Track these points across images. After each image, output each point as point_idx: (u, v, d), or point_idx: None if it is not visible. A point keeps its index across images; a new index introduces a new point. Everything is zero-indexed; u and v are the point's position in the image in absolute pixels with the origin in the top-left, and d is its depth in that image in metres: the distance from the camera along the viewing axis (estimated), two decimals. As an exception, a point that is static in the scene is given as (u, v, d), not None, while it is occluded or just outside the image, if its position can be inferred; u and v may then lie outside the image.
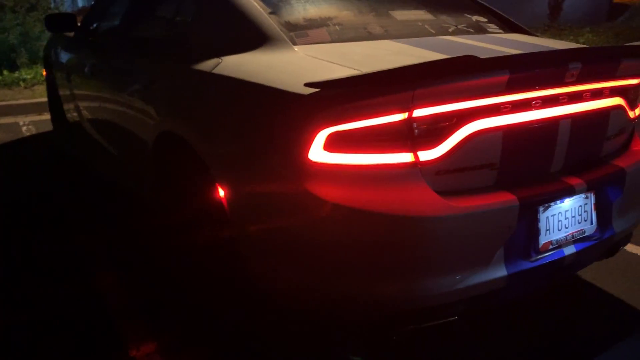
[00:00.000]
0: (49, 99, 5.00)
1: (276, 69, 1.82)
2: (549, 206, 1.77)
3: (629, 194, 1.98)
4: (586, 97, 1.82)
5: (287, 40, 1.94)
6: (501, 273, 1.70)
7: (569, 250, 1.85)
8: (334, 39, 2.03)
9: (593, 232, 1.91)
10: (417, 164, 1.58)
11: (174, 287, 2.42)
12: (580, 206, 1.86)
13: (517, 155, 1.72)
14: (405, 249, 1.58)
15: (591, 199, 1.89)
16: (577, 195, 1.83)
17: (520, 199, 1.67)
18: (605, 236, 1.95)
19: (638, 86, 2.05)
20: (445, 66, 1.52)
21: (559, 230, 1.81)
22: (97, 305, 2.37)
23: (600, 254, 2.10)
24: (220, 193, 1.91)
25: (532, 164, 1.80)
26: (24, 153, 4.92)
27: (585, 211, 1.88)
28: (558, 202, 1.79)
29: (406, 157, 1.57)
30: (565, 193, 1.80)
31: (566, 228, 1.83)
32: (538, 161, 1.81)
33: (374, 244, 1.58)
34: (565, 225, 1.83)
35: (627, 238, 2.17)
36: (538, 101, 1.70)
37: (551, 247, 1.80)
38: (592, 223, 1.90)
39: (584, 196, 1.86)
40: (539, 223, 1.75)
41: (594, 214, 1.90)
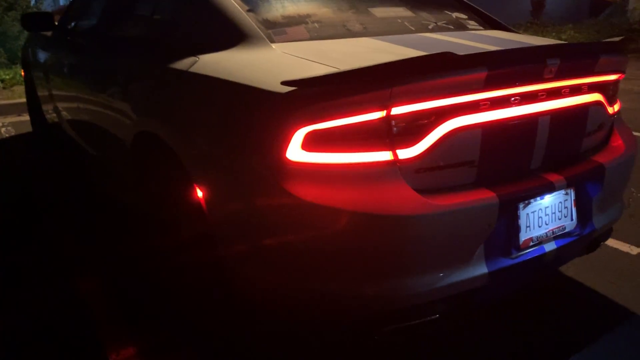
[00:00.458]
0: (28, 100, 4.93)
1: (253, 67, 1.79)
2: (529, 203, 1.77)
3: (609, 190, 1.99)
4: (565, 94, 1.82)
5: (265, 38, 1.91)
6: (482, 271, 1.69)
7: (550, 246, 1.84)
8: (313, 37, 2.01)
9: (573, 228, 1.91)
10: (396, 162, 1.56)
11: (155, 291, 2.38)
12: (560, 202, 1.86)
13: (497, 152, 1.72)
14: (384, 248, 1.56)
15: (571, 195, 1.89)
16: (557, 191, 1.83)
17: (500, 196, 1.66)
18: (585, 232, 1.95)
19: (617, 82, 2.06)
20: (422, 63, 1.50)
21: (540, 226, 1.81)
22: (78, 310, 2.32)
23: (581, 250, 2.10)
24: (198, 194, 1.88)
25: (512, 161, 1.80)
26: (3, 155, 4.83)
27: (565, 207, 1.88)
28: (538, 199, 1.79)
29: (385, 156, 1.55)
30: (545, 189, 1.79)
31: (546, 224, 1.83)
32: (518, 158, 1.80)
33: (353, 244, 1.56)
34: (545, 221, 1.82)
35: (608, 233, 2.18)
36: (517, 98, 1.69)
37: (532, 244, 1.80)
38: (573, 219, 1.91)
39: (564, 192, 1.86)
40: (519, 220, 1.75)
41: (574, 210, 1.91)
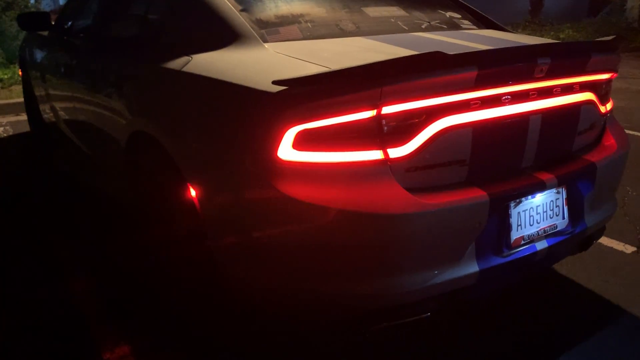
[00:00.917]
0: (25, 100, 4.94)
1: (246, 67, 1.80)
2: (520, 202, 1.77)
3: (601, 188, 2.00)
4: (556, 93, 1.83)
5: (258, 37, 1.92)
6: (473, 269, 1.70)
7: (541, 245, 1.85)
8: (306, 36, 2.01)
9: (565, 227, 1.92)
10: (387, 161, 1.57)
11: (147, 291, 2.39)
12: (551, 201, 1.87)
13: (488, 151, 1.72)
14: (375, 247, 1.57)
15: (563, 194, 1.90)
16: (549, 190, 1.84)
17: (490, 195, 1.67)
18: (577, 230, 1.96)
19: (609, 81, 2.06)
20: (413, 63, 1.51)
21: (531, 225, 1.82)
22: (69, 310, 2.33)
23: (573, 248, 2.11)
24: (191, 193, 1.89)
25: (503, 160, 1.80)
26: (1, 154, 4.84)
27: (557, 206, 1.89)
28: (529, 198, 1.80)
29: (376, 155, 1.56)
30: (536, 188, 1.80)
31: (538, 223, 1.84)
32: (509, 157, 1.81)
33: (344, 242, 1.57)
34: (536, 220, 1.83)
35: (601, 232, 2.19)
36: (508, 97, 1.70)
37: (523, 243, 1.81)
38: (564, 218, 1.91)
39: (556, 191, 1.87)
40: (511, 218, 1.76)
41: (566, 209, 1.91)
